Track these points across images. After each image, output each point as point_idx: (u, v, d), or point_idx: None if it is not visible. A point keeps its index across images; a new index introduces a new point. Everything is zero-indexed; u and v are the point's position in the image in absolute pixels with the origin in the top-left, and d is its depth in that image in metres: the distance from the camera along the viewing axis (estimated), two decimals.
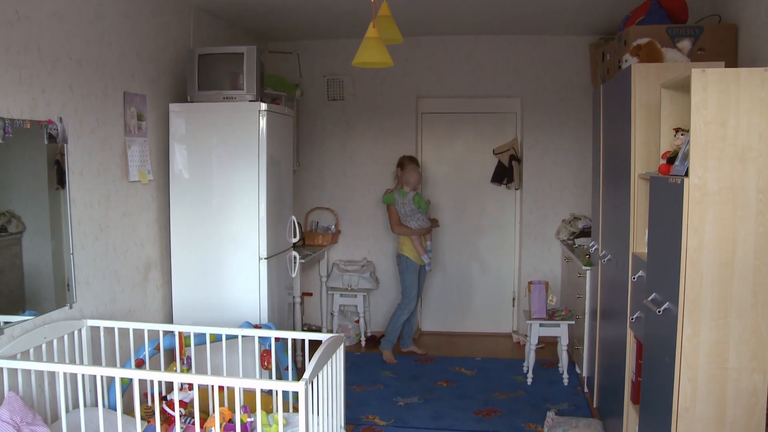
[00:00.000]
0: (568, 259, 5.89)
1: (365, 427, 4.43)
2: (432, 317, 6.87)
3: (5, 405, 2.87)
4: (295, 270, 4.99)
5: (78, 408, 3.31)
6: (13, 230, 3.25)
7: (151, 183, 4.41)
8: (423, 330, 6.81)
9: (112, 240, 4.00)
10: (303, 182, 6.66)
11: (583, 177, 6.26)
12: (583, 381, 5.20)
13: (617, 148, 3.92)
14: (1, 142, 3.06)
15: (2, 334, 3.11)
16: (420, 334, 6.71)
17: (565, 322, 5.28)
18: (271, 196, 4.47)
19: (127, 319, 4.07)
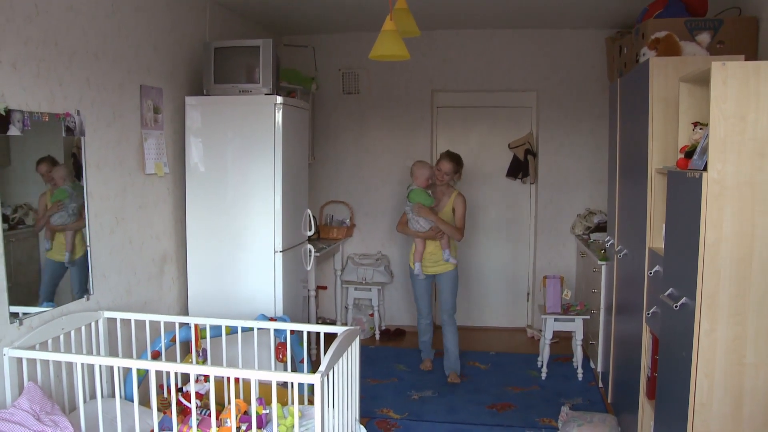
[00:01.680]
0: (583, 254, 5.87)
1: (379, 421, 4.44)
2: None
3: (25, 394, 2.90)
4: (310, 263, 5.00)
5: (95, 399, 3.34)
6: (31, 223, 3.28)
7: (167, 176, 4.43)
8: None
9: (128, 232, 4.02)
10: (318, 176, 6.67)
11: (598, 172, 6.22)
12: (597, 376, 5.18)
13: (634, 143, 3.90)
14: (20, 135, 3.09)
15: (21, 325, 3.14)
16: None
17: (580, 316, 5.27)
18: (287, 189, 4.48)
19: (142, 311, 4.09)
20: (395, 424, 4.41)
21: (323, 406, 2.72)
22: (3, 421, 2.72)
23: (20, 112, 3.08)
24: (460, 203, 5.20)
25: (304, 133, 4.97)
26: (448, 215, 5.24)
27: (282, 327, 3.68)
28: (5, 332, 3.04)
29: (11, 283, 3.05)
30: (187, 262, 4.60)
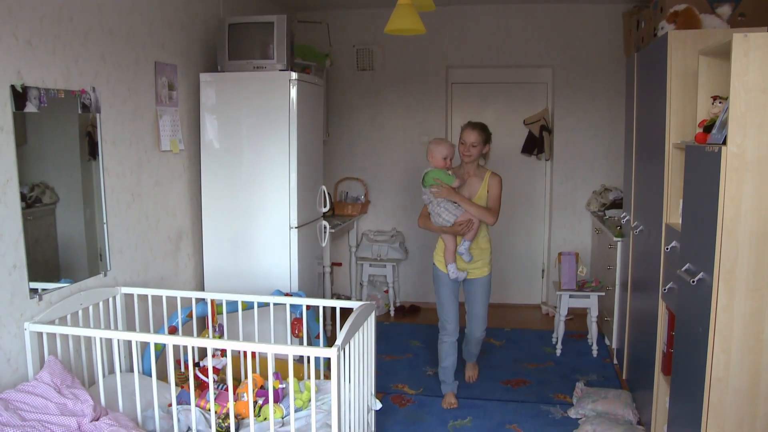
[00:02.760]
0: (598, 231, 5.84)
1: (394, 396, 4.47)
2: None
3: (46, 368, 2.94)
4: (325, 239, 5.01)
5: (113, 374, 3.38)
6: (47, 201, 3.30)
7: (182, 152, 4.44)
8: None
9: (144, 209, 4.04)
10: (332, 152, 6.66)
11: (614, 148, 6.18)
12: (612, 352, 5.18)
13: (651, 118, 3.86)
14: (36, 112, 3.10)
15: (41, 301, 3.17)
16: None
17: (595, 293, 5.26)
18: (302, 165, 4.48)
19: (159, 287, 4.12)
20: (410, 400, 4.44)
21: (340, 380, 2.73)
22: (26, 393, 2.76)
23: (36, 89, 3.09)
24: (495, 184, 4.29)
25: (318, 109, 4.95)
26: (481, 202, 4.30)
27: (298, 302, 3.69)
28: (26, 307, 3.08)
29: (29, 260, 3.08)
30: (202, 238, 4.62)
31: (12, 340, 3.00)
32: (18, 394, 2.75)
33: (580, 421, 4.09)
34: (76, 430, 2.68)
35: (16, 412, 2.64)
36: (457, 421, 4.11)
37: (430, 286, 6.15)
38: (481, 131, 4.28)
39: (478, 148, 4.26)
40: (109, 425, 2.68)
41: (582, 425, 3.95)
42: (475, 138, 4.24)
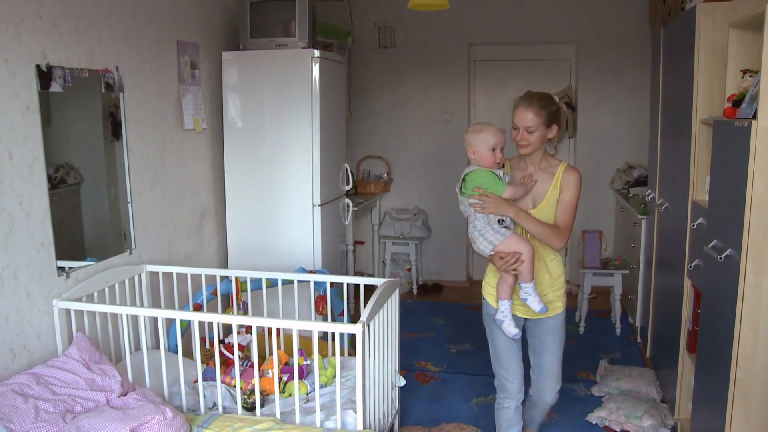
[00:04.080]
0: (622, 209, 5.79)
1: (418, 373, 4.49)
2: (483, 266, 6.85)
3: (75, 344, 2.98)
4: (348, 217, 5.02)
5: (138, 351, 3.42)
6: (72, 181, 3.33)
7: (205, 131, 4.46)
8: (474, 279, 6.80)
9: (168, 188, 4.07)
10: (355, 131, 6.64)
11: (639, 125, 6.10)
12: (636, 331, 5.16)
13: (678, 94, 3.80)
14: (61, 91, 3.12)
15: (68, 278, 3.21)
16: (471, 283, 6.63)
17: (618, 271, 5.23)
18: (325, 143, 4.48)
19: (183, 264, 4.16)
20: (433, 377, 4.45)
21: (365, 356, 2.74)
22: (55, 368, 2.81)
23: (61, 69, 3.11)
24: (572, 182, 2.88)
25: (341, 86, 4.94)
26: (548, 209, 2.91)
27: (322, 279, 3.71)
28: (54, 285, 3.12)
29: (56, 239, 3.12)
30: (226, 216, 4.64)
31: (41, 317, 3.04)
32: (48, 370, 2.79)
33: (603, 398, 4.08)
34: (105, 404, 2.73)
35: (47, 387, 2.69)
36: (480, 398, 4.12)
37: (452, 263, 6.14)
38: (540, 108, 2.81)
39: (537, 133, 2.82)
40: (137, 400, 2.71)
41: (605, 403, 3.94)
42: (531, 120, 2.81)
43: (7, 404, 2.50)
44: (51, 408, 2.59)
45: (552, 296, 3.01)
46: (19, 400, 2.54)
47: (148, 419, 2.51)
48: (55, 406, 2.60)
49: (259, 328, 2.91)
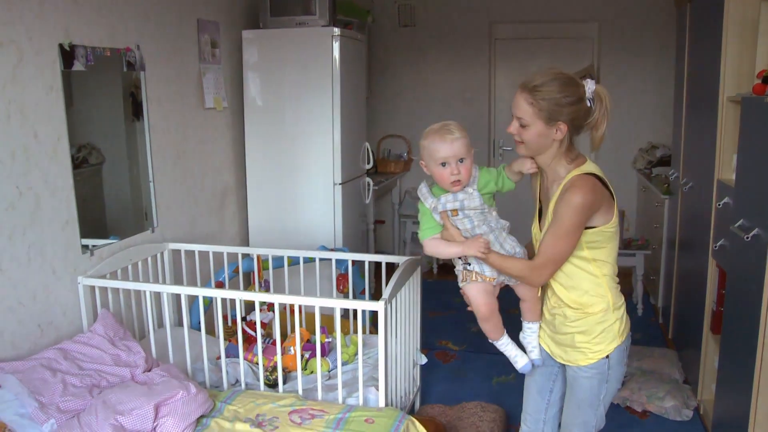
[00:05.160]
0: (644, 189, 5.74)
1: (439, 352, 4.50)
2: None
3: (100, 320, 3.02)
4: (369, 196, 5.02)
5: (161, 328, 3.46)
6: (94, 161, 3.36)
7: (225, 110, 4.46)
8: None
9: (189, 166, 4.08)
10: (375, 110, 6.61)
11: (662, 104, 6.02)
12: (657, 312, 5.13)
13: (704, 71, 3.74)
14: (84, 70, 3.13)
15: (92, 256, 3.24)
16: None
17: (641, 251, 5.18)
18: (345, 121, 4.46)
19: (205, 243, 4.18)
20: (454, 356, 4.46)
21: (387, 333, 2.75)
22: (82, 344, 2.84)
23: (83, 48, 3.12)
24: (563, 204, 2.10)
25: (361, 65, 4.91)
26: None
27: (344, 257, 3.71)
28: (78, 262, 3.15)
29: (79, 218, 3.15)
30: (247, 195, 4.65)
31: (67, 293, 3.08)
32: (75, 345, 2.83)
33: (625, 379, 4.06)
34: (130, 380, 2.76)
35: (74, 362, 2.73)
36: (501, 377, 4.12)
37: None
38: (537, 95, 2.09)
39: (533, 131, 2.13)
40: (161, 376, 2.74)
41: (627, 383, 3.93)
42: (523, 109, 2.14)
43: (37, 378, 2.54)
44: (78, 382, 2.62)
45: (572, 336, 2.26)
46: (48, 374, 2.58)
47: (172, 394, 2.54)
48: (82, 381, 2.64)
49: (280, 305, 2.92)
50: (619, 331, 2.21)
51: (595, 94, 2.12)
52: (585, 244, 2.15)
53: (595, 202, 2.08)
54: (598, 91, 2.12)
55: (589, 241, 2.15)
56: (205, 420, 2.61)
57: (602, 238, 2.15)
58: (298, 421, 2.58)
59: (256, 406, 2.71)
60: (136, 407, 2.44)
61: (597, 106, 2.12)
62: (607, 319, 2.19)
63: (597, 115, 2.13)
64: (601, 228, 2.14)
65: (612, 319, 2.19)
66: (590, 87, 2.11)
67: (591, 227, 2.13)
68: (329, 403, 2.77)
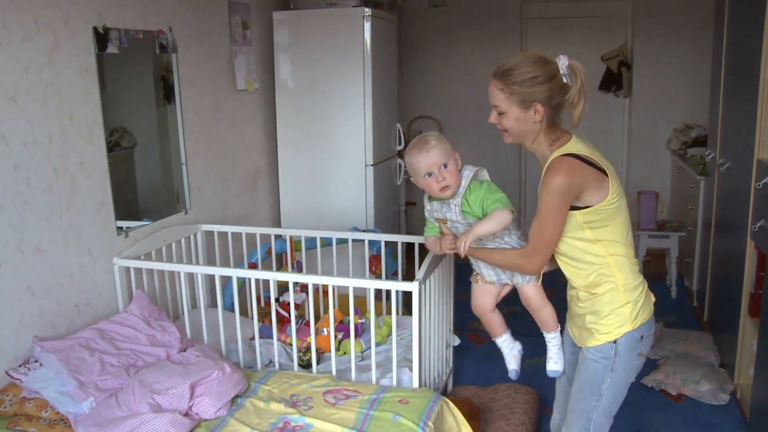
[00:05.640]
0: (679, 170, 5.65)
1: (470, 334, 4.49)
2: None
3: (135, 301, 3.05)
4: (400, 177, 5.00)
5: (195, 309, 3.48)
6: (126, 145, 3.39)
7: (257, 92, 4.46)
8: None
9: (222, 148, 4.10)
10: (406, 91, 6.57)
11: (698, 83, 5.91)
12: (692, 294, 5.06)
13: (744, 47, 3.65)
14: (117, 52, 3.14)
15: (127, 237, 3.27)
16: None
17: (675, 233, 5.11)
18: (377, 102, 4.45)
19: (237, 224, 4.20)
20: (486, 338, 4.44)
21: (421, 314, 2.74)
22: (118, 324, 2.88)
23: (117, 30, 3.14)
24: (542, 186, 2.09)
25: (392, 46, 4.89)
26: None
27: (376, 238, 3.70)
28: (114, 244, 3.19)
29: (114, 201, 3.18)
30: (278, 176, 4.66)
31: (102, 275, 3.11)
32: (111, 325, 2.86)
33: (659, 362, 4.03)
34: (165, 360, 2.79)
35: (111, 342, 2.76)
36: (533, 359, 4.07)
37: None
38: (506, 80, 2.09)
39: (511, 117, 2.12)
40: (196, 356, 2.76)
41: (661, 366, 3.89)
42: (497, 97, 2.14)
43: (76, 357, 2.58)
44: (115, 362, 2.66)
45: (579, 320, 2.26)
46: (86, 354, 2.61)
47: (207, 374, 2.56)
48: (119, 360, 2.67)
49: (313, 287, 2.93)
50: (632, 315, 2.13)
51: (569, 69, 2.07)
52: (585, 225, 2.10)
53: (574, 183, 2.03)
54: (572, 66, 2.07)
55: (588, 221, 2.09)
56: (240, 400, 2.63)
57: (602, 216, 2.09)
58: (332, 401, 2.60)
59: (290, 387, 2.72)
60: (173, 386, 2.47)
61: (572, 81, 2.07)
62: (616, 300, 2.13)
63: (573, 90, 2.07)
64: (597, 207, 2.07)
65: (622, 300, 2.13)
66: (563, 62, 2.06)
67: (584, 207, 2.08)
68: (363, 384, 2.77)
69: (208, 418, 2.50)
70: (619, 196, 2.10)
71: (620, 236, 2.13)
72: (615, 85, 6.26)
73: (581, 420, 2.28)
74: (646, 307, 2.19)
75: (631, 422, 3.42)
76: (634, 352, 2.17)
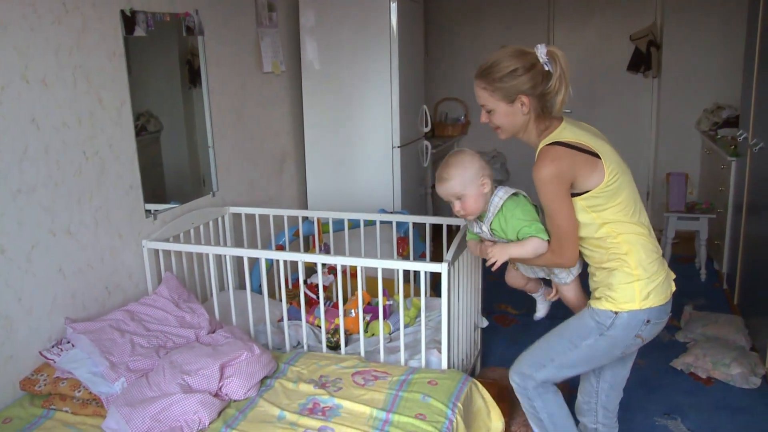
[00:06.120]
0: (709, 151, 5.56)
1: (498, 316, 4.47)
2: None
3: (164, 283, 3.07)
4: (427, 159, 4.98)
5: (223, 291, 3.50)
6: (152, 129, 3.39)
7: (283, 74, 4.46)
8: None
9: (249, 131, 4.10)
10: (431, 72, 6.53)
11: (730, 63, 5.79)
12: (722, 277, 5.00)
13: None
14: (144, 35, 3.15)
15: (155, 220, 3.29)
16: None
17: (705, 215, 5.04)
18: (404, 84, 4.42)
19: (264, 206, 4.21)
20: (513, 320, 4.43)
21: (450, 295, 2.73)
22: (148, 306, 2.90)
23: (144, 13, 3.14)
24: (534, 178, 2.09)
25: (418, 27, 4.84)
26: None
27: (404, 220, 3.69)
28: (142, 226, 3.21)
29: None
30: (305, 158, 4.66)
31: (132, 256, 3.14)
32: (141, 307, 2.89)
33: (688, 345, 3.99)
34: (195, 341, 2.81)
35: (140, 323, 2.79)
36: None
37: None
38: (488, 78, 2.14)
39: (500, 113, 2.18)
40: (225, 337, 2.78)
41: (691, 349, 3.85)
42: (482, 96, 2.19)
43: (107, 338, 2.61)
44: (146, 343, 2.68)
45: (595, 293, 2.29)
46: (117, 335, 2.64)
47: (237, 355, 2.58)
48: (149, 341, 2.70)
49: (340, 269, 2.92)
50: (641, 294, 2.11)
51: (548, 55, 2.08)
52: (588, 209, 2.11)
53: (562, 170, 2.04)
54: (551, 52, 2.09)
55: (590, 206, 2.10)
56: (269, 381, 2.65)
57: (602, 199, 2.08)
58: (361, 382, 2.60)
59: (319, 368, 2.73)
60: (202, 367, 2.48)
61: (553, 68, 2.09)
62: (627, 275, 2.11)
63: (554, 77, 2.09)
64: (595, 191, 2.07)
65: (633, 276, 2.11)
66: (541, 51, 2.08)
67: (583, 192, 2.08)
68: (392, 365, 2.77)
69: (238, 399, 2.51)
70: (618, 176, 2.09)
71: (627, 215, 2.13)
72: (644, 65, 6.17)
73: (542, 355, 2.30)
74: (660, 291, 2.15)
75: (661, 405, 3.39)
76: (632, 332, 2.15)
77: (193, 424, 2.31)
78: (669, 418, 3.29)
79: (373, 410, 2.39)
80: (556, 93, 2.11)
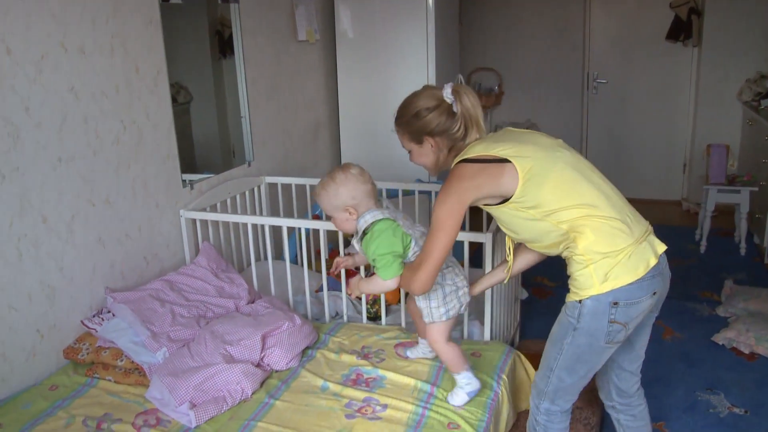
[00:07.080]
0: (751, 122, 5.42)
1: (535, 288, 4.42)
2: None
3: (202, 253, 3.06)
4: None
5: (259, 261, 3.48)
6: (182, 101, 3.35)
7: (317, 43, 4.40)
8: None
9: (283, 100, 4.06)
10: (465, 42, 6.42)
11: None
12: (763, 251, 4.89)
13: None
14: (180, 2, 3.10)
15: (192, 190, 3.27)
16: None
17: (746, 188, 4.92)
18: (439, 53, 4.35)
19: (299, 176, 4.17)
20: (550, 292, 4.38)
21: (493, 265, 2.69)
22: (186, 276, 2.89)
23: None
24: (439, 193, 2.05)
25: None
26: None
27: None
28: (180, 196, 3.19)
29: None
30: (339, 128, 4.62)
31: (169, 227, 3.13)
32: (180, 277, 2.88)
33: (729, 319, 3.91)
34: (234, 311, 2.79)
35: (180, 293, 2.77)
36: None
37: None
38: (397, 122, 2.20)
39: (414, 153, 2.22)
40: (264, 307, 2.77)
41: (732, 324, 3.77)
42: (399, 137, 2.24)
43: (147, 308, 2.60)
44: (186, 313, 2.67)
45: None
46: (157, 305, 2.63)
47: (278, 325, 2.56)
48: (189, 311, 2.69)
49: None
50: (598, 277, 1.97)
51: (453, 93, 2.06)
52: (522, 209, 2.00)
53: (465, 186, 1.97)
54: (456, 90, 2.06)
55: (521, 208, 2.00)
56: (310, 351, 2.63)
57: (528, 197, 1.97)
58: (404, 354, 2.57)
59: (360, 338, 2.71)
60: (244, 337, 2.47)
61: (456, 107, 2.06)
62: (580, 261, 2.00)
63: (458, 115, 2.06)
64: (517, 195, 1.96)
65: (583, 262, 1.99)
66: (447, 90, 2.06)
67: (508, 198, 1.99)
68: None
69: (280, 369, 2.50)
70: (534, 169, 1.96)
71: (564, 199, 1.99)
72: (683, 33, 6.01)
73: (544, 368, 2.21)
74: (625, 270, 1.99)
75: (702, 380, 3.34)
76: (603, 318, 2.01)
77: (236, 394, 2.30)
78: (711, 393, 3.23)
79: (417, 382, 2.36)
80: (462, 137, 2.07)
